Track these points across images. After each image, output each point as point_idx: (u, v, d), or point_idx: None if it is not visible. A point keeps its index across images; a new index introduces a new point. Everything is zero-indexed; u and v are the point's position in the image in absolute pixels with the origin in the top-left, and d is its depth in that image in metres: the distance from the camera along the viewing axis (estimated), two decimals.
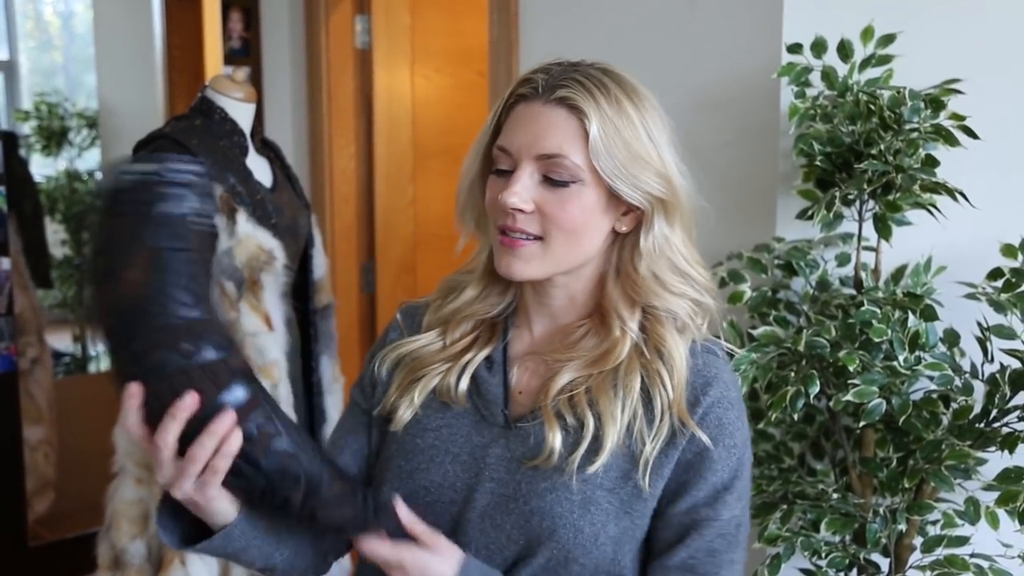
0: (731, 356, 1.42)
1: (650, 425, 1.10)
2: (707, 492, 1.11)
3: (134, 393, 0.95)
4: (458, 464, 1.15)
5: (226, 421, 0.96)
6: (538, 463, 1.11)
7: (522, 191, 1.09)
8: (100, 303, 0.96)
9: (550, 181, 1.09)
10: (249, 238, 2.04)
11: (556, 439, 1.10)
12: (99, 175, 5.00)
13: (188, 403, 0.95)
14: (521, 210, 1.09)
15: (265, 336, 2.05)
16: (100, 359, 5.23)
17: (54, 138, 4.96)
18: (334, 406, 2.34)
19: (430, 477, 1.15)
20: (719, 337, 1.25)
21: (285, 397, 2.08)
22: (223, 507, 1.05)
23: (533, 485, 1.11)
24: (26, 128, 5.02)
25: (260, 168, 2.18)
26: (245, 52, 3.59)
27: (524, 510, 1.11)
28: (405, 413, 1.18)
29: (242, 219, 2.03)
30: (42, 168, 5.09)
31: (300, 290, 2.28)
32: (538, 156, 1.09)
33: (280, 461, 0.99)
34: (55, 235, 4.88)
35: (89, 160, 5.07)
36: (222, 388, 0.96)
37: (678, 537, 1.12)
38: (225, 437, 0.96)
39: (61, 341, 5.02)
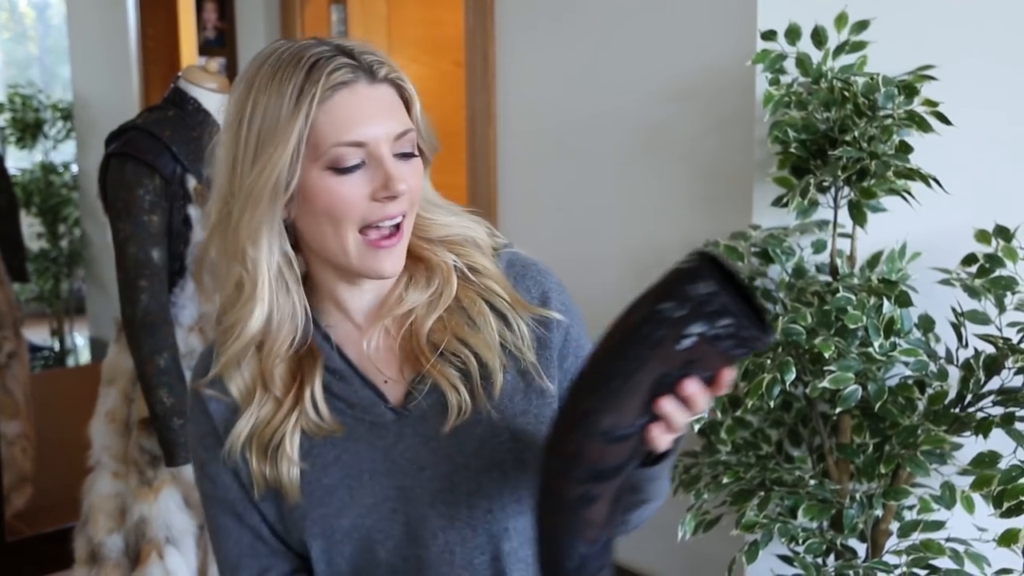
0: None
1: (514, 334, 1.12)
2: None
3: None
4: (379, 477, 1.09)
5: None
6: (456, 423, 1.08)
7: (399, 172, 1.03)
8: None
9: (402, 157, 1.05)
10: None
11: (459, 389, 1.08)
12: (74, 167, 4.96)
13: None
14: (404, 193, 1.04)
15: None
16: (78, 353, 5.19)
17: (29, 130, 4.90)
18: None
19: (362, 502, 1.09)
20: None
21: None
22: None
23: (463, 448, 1.09)
24: (0, 120, 4.97)
25: None
26: (220, 42, 3.57)
27: (469, 476, 1.09)
28: (293, 473, 1.08)
29: None
30: (17, 161, 5.03)
31: None
32: (396, 137, 1.04)
33: None
34: (31, 228, 4.82)
35: (64, 152, 5.02)
36: None
37: None
38: None
39: (38, 335, 4.97)
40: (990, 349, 1.67)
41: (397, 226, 1.05)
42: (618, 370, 0.87)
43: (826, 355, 1.62)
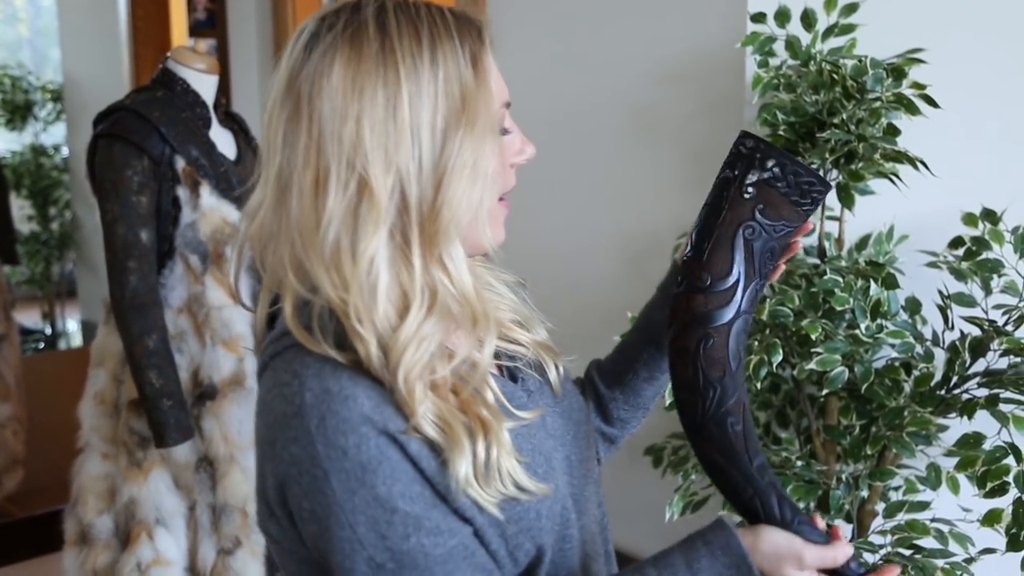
0: None
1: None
2: None
3: None
4: (556, 454, 1.00)
5: None
6: (559, 378, 1.06)
7: None
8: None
9: None
10: (213, 211, 2.02)
11: (550, 349, 1.06)
12: (65, 149, 4.94)
13: None
14: None
15: (231, 309, 2.04)
16: (69, 336, 5.19)
17: (19, 112, 4.89)
18: None
19: (556, 483, 0.98)
20: None
21: (252, 371, 2.07)
22: None
23: (573, 406, 1.08)
24: None
25: (224, 140, 2.16)
26: (211, 24, 3.56)
27: (585, 431, 1.08)
28: (517, 471, 0.92)
29: (206, 192, 2.02)
30: (7, 143, 5.02)
31: None
32: None
33: None
34: (21, 211, 4.82)
35: (55, 134, 5.01)
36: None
37: None
38: None
39: (30, 318, 4.97)
40: (976, 331, 1.67)
41: None
42: (705, 234, 1.05)
43: (813, 337, 1.63)
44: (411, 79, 0.85)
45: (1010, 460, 1.57)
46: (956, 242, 1.73)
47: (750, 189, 1.03)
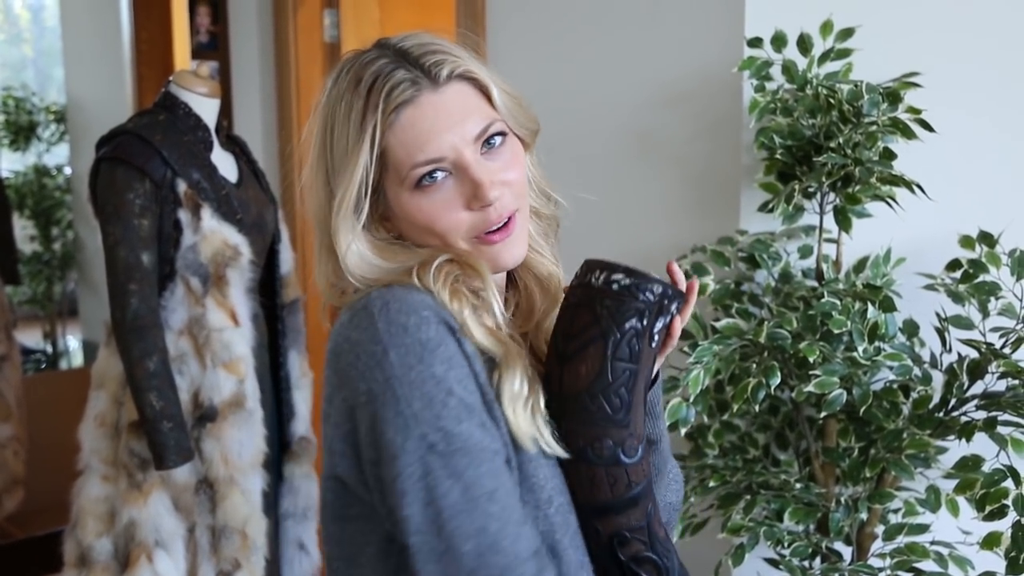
0: None
1: None
2: None
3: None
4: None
5: None
6: None
7: (490, 175, 0.99)
8: (556, 377, 0.97)
9: (489, 148, 1.01)
10: (214, 233, 2.04)
11: None
12: (68, 170, 4.96)
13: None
14: (502, 192, 1.00)
15: (231, 331, 2.05)
16: (70, 356, 5.19)
17: (22, 133, 4.91)
18: (302, 401, 2.34)
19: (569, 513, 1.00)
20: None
21: (252, 393, 2.08)
22: None
23: None
24: None
25: (225, 163, 2.17)
26: (213, 46, 3.58)
27: None
28: (551, 440, 0.98)
29: (207, 215, 2.03)
30: (10, 163, 5.04)
31: (267, 285, 2.28)
32: (475, 138, 1.00)
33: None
34: (24, 231, 4.83)
35: (58, 155, 5.03)
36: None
37: None
38: None
39: (31, 338, 4.97)
40: (974, 354, 1.68)
41: (507, 221, 1.01)
42: (620, 396, 0.95)
43: (811, 359, 1.63)
44: (326, 136, 1.02)
45: (1009, 483, 1.57)
46: (953, 265, 1.74)
47: (656, 337, 0.96)
